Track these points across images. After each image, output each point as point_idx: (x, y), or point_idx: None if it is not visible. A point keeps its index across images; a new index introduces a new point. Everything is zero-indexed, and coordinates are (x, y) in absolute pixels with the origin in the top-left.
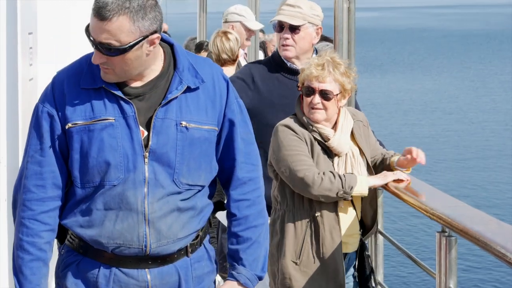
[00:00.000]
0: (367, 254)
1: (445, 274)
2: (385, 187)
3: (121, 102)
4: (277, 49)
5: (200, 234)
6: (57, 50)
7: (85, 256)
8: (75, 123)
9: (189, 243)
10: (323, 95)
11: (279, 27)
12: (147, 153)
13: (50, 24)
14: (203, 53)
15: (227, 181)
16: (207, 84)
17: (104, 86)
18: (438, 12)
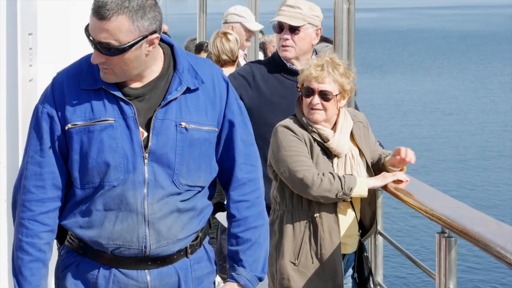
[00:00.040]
0: (366, 255)
1: (444, 275)
2: (384, 188)
3: (121, 103)
4: (277, 49)
5: (199, 235)
6: (57, 51)
7: (84, 257)
8: (75, 124)
9: (189, 244)
10: (322, 95)
11: (279, 28)
12: (146, 154)
13: (50, 25)
14: (203, 54)
15: (227, 182)
16: (207, 85)
17: (104, 87)
18: (438, 13)
